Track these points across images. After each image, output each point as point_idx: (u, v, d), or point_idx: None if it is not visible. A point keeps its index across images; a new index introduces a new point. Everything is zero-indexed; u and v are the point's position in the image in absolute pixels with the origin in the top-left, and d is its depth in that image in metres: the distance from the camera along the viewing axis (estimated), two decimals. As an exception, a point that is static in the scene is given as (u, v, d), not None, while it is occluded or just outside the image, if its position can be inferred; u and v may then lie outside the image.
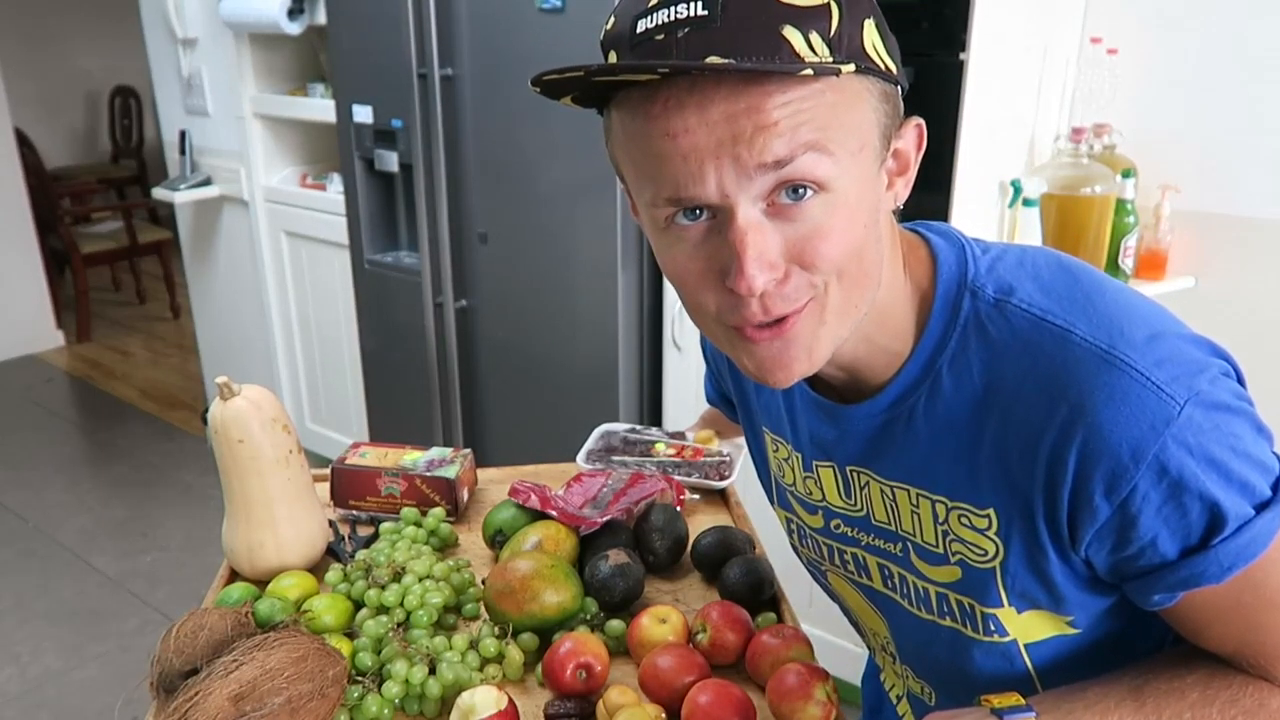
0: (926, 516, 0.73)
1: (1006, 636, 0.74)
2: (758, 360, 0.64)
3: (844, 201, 0.59)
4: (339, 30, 2.40)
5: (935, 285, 0.69)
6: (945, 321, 0.68)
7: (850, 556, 0.83)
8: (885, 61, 0.59)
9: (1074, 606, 0.71)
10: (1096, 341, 0.63)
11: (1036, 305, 0.66)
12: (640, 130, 0.58)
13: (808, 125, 0.56)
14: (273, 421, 1.04)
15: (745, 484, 1.33)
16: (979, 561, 0.71)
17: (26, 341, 4.43)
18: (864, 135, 0.59)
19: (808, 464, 0.82)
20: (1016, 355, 0.65)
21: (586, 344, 2.17)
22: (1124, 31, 1.88)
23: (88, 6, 5.89)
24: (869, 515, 0.79)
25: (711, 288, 0.62)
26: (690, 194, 0.58)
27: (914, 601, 0.79)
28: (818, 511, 0.84)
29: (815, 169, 0.57)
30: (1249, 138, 1.83)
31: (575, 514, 1.11)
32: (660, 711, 0.84)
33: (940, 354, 0.68)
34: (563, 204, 2.10)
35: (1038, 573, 0.69)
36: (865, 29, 0.58)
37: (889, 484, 0.75)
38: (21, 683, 2.30)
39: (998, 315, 0.66)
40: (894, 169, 0.65)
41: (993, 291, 0.67)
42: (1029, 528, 0.67)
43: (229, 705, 0.77)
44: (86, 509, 3.10)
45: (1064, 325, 0.64)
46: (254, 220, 3.00)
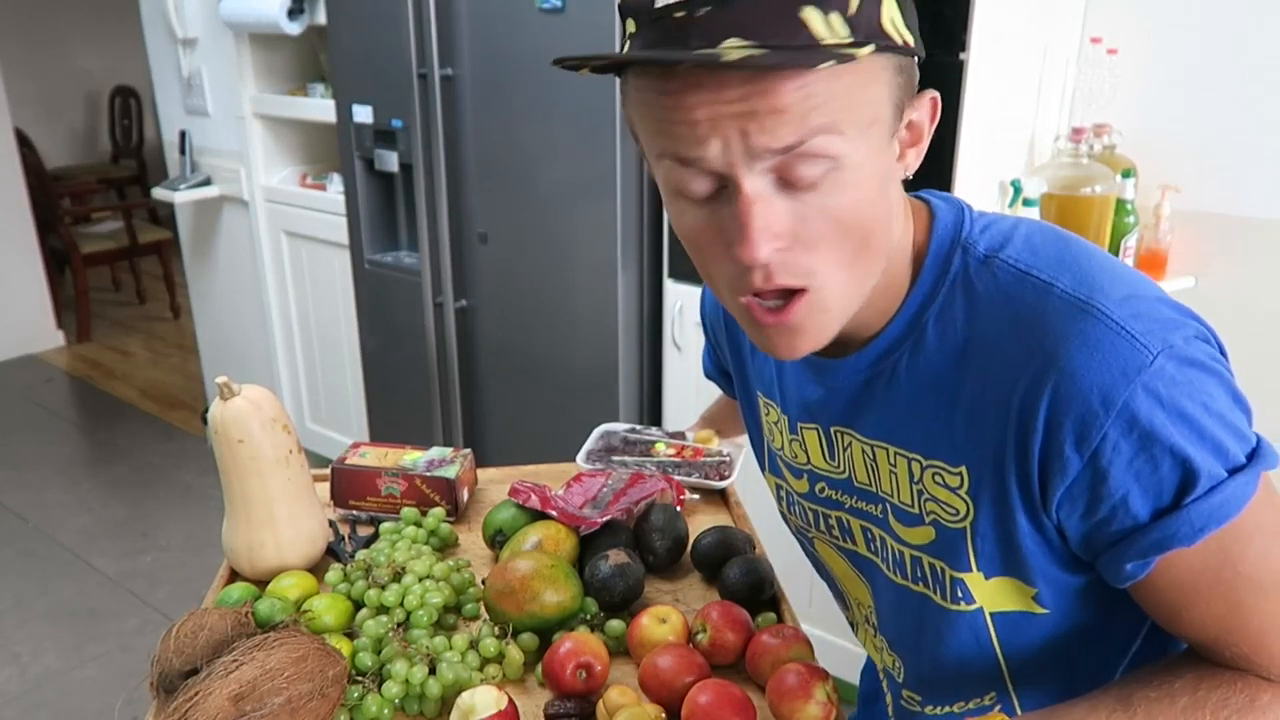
0: (903, 475, 0.74)
1: (973, 604, 0.74)
2: (765, 337, 0.66)
3: (854, 178, 0.59)
4: (339, 30, 2.40)
5: (929, 242, 0.70)
6: (935, 277, 0.69)
7: (835, 521, 0.84)
8: (903, 35, 0.59)
9: (1040, 578, 0.71)
10: (1075, 293, 0.64)
11: (1022, 261, 0.67)
12: (655, 101, 0.59)
13: (821, 109, 0.56)
14: (273, 421, 1.04)
15: (745, 484, 1.33)
16: (951, 521, 0.72)
17: (26, 341, 4.43)
18: (877, 110, 0.60)
19: (793, 426, 0.83)
20: (998, 308, 0.66)
21: (586, 344, 2.17)
22: (1124, 31, 1.88)
23: (88, 6, 5.89)
24: (851, 477, 0.80)
25: (720, 257, 0.63)
26: (697, 159, 0.59)
27: (892, 566, 0.80)
28: (803, 475, 0.85)
29: (825, 147, 0.58)
30: (1249, 138, 1.83)
31: (575, 514, 1.11)
32: (660, 711, 0.84)
33: (927, 309, 0.69)
34: (563, 204, 2.10)
35: (1005, 535, 0.69)
36: (884, 5, 0.58)
37: (869, 442, 0.76)
38: (21, 683, 2.30)
39: (985, 271, 0.68)
40: (907, 140, 0.65)
41: (983, 249, 0.68)
42: (1000, 486, 0.67)
43: (229, 705, 0.77)
44: (86, 509, 3.10)
45: (1047, 279, 0.65)
46: (254, 220, 3.00)
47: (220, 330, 3.44)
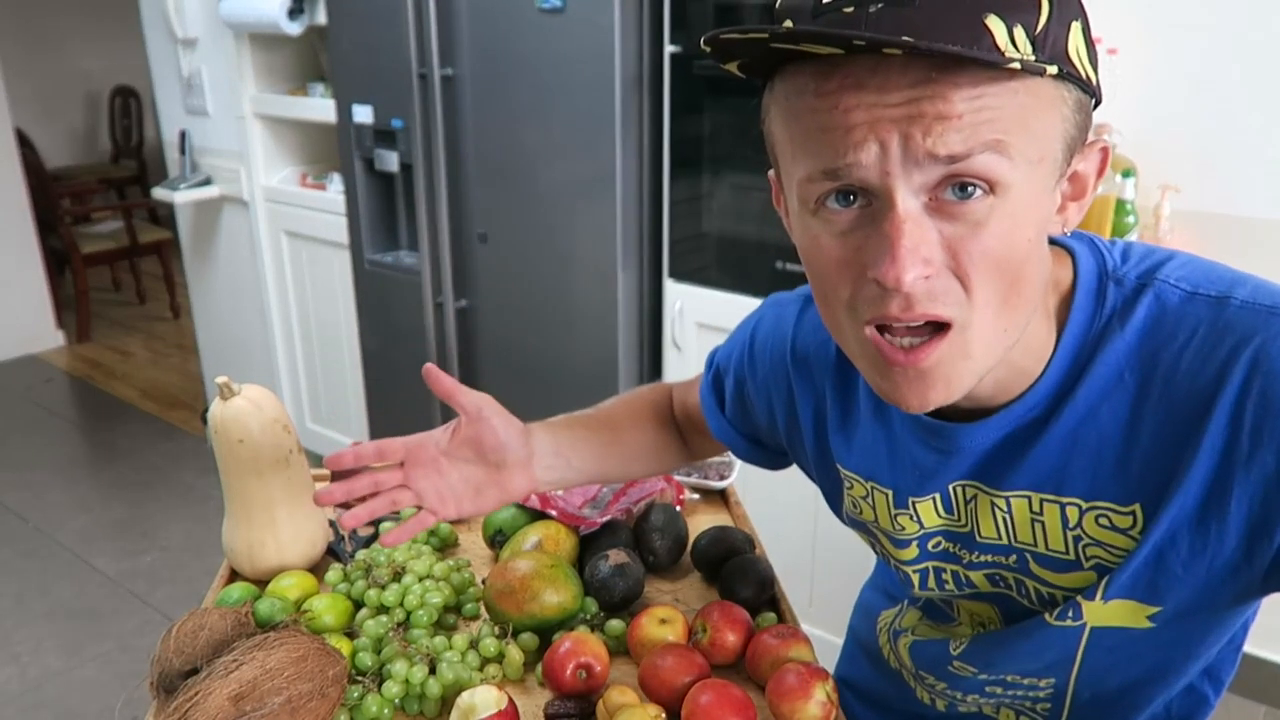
0: (1053, 523, 0.69)
1: (1079, 620, 0.71)
2: (892, 382, 0.60)
3: (1013, 210, 0.55)
4: (339, 30, 2.40)
5: (1075, 285, 0.65)
6: (1089, 316, 0.65)
7: (950, 575, 0.79)
8: (1086, 69, 0.56)
9: (1170, 599, 0.67)
10: (1259, 300, 0.61)
11: (1186, 280, 0.64)
12: (808, 105, 0.55)
13: (992, 124, 0.53)
14: (273, 421, 1.04)
15: (745, 484, 1.33)
16: (1114, 560, 0.68)
17: (26, 341, 4.43)
18: (1048, 145, 0.56)
19: (901, 500, 0.77)
20: (1171, 331, 0.62)
21: (586, 344, 2.17)
22: (1124, 31, 1.88)
23: (88, 7, 5.89)
24: (974, 531, 0.74)
25: (851, 279, 0.58)
26: (848, 164, 0.54)
27: (1033, 600, 0.75)
28: (909, 544, 0.79)
29: (990, 169, 0.53)
30: (1249, 138, 1.83)
31: (575, 514, 1.11)
32: (660, 711, 0.84)
33: (1083, 351, 0.65)
34: (563, 204, 2.10)
35: (1161, 564, 0.65)
36: (1071, 31, 0.54)
37: (1003, 494, 0.70)
38: (21, 683, 2.30)
39: (1148, 297, 0.64)
40: (1069, 192, 0.61)
41: (1136, 276, 0.65)
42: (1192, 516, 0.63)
43: (229, 705, 0.77)
44: (86, 509, 3.09)
45: (1219, 293, 0.62)
46: (254, 220, 3.00)
47: (220, 330, 3.44)
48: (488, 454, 0.88)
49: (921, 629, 0.89)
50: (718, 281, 2.01)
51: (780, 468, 0.99)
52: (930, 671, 0.87)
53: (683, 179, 2.00)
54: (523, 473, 0.90)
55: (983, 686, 0.83)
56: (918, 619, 0.90)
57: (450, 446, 0.88)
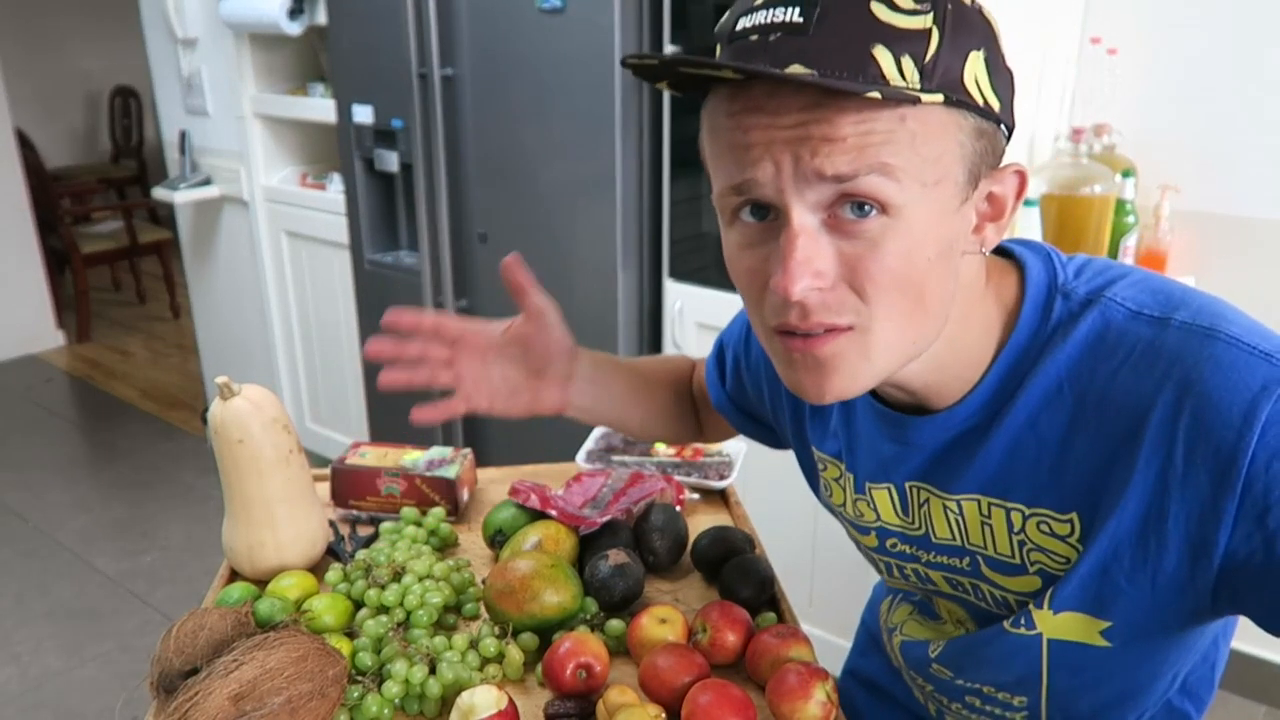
0: (1000, 527, 0.71)
1: (1033, 630, 0.73)
2: (796, 373, 0.63)
3: (909, 230, 0.57)
4: (339, 30, 2.40)
5: (1023, 295, 0.67)
6: (1034, 327, 0.67)
7: (911, 571, 0.82)
8: (986, 97, 0.57)
9: (1122, 617, 0.68)
10: (1197, 322, 0.62)
11: (1131, 300, 0.65)
12: (721, 124, 0.60)
13: (879, 148, 0.55)
14: (273, 421, 1.04)
15: (745, 484, 1.33)
16: (1058, 567, 0.69)
17: (26, 341, 4.43)
18: (944, 169, 0.58)
19: (860, 486, 0.80)
20: (1111, 348, 0.64)
21: (586, 344, 2.14)
22: (1124, 31, 1.88)
23: (88, 7, 5.89)
24: (929, 534, 0.77)
25: (759, 288, 0.62)
26: (749, 180, 0.58)
27: (989, 603, 0.77)
28: (870, 533, 0.82)
29: (879, 190, 0.56)
30: (1249, 138, 1.83)
31: (575, 514, 1.11)
32: (660, 711, 0.84)
33: (1024, 359, 0.67)
34: (563, 204, 2.10)
35: (1105, 577, 0.66)
36: (969, 60, 0.56)
37: (954, 497, 0.73)
38: (21, 683, 2.30)
39: (1093, 312, 0.65)
40: (987, 212, 0.63)
41: (1085, 292, 0.66)
42: (1129, 530, 0.64)
43: (229, 705, 0.77)
44: (86, 509, 3.10)
45: (1161, 314, 0.63)
46: (254, 220, 3.00)
47: (220, 330, 3.44)
48: (533, 358, 0.91)
49: (910, 626, 0.91)
50: (718, 281, 2.01)
51: (776, 446, 1.01)
52: (917, 672, 0.89)
53: (683, 179, 2.00)
54: (558, 389, 0.92)
55: (962, 695, 0.85)
56: (907, 614, 0.92)
57: (501, 340, 0.91)
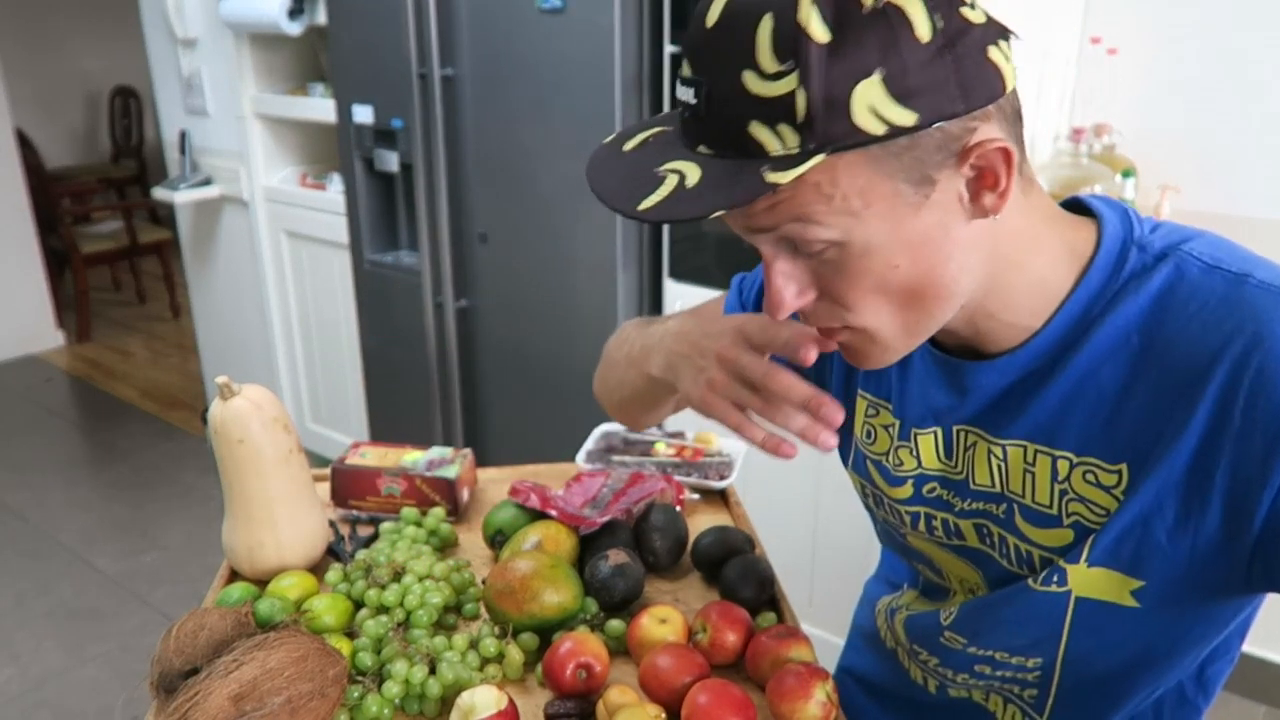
0: (1043, 475, 0.71)
1: (1064, 586, 0.72)
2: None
3: (863, 249, 0.60)
4: (339, 30, 2.40)
5: (1099, 245, 0.68)
6: (1106, 275, 0.67)
7: (940, 522, 0.81)
8: (889, 121, 0.55)
9: (1153, 573, 0.68)
10: (1276, 282, 0.62)
11: (1208, 255, 0.65)
12: None
13: (786, 205, 0.59)
14: (273, 421, 1.04)
15: (745, 484, 1.33)
16: (1093, 520, 0.69)
17: (26, 341, 4.43)
18: (872, 193, 0.58)
19: (905, 432, 0.80)
20: (1186, 299, 0.64)
21: (586, 344, 2.17)
22: (1124, 31, 1.88)
23: (88, 6, 5.89)
24: (969, 478, 0.77)
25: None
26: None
27: (1012, 560, 0.77)
28: (905, 482, 0.82)
29: (805, 234, 0.60)
30: (1249, 138, 1.83)
31: (575, 514, 1.11)
32: (660, 711, 0.84)
33: (1095, 307, 0.67)
34: (563, 204, 2.10)
35: (1145, 532, 0.67)
36: (857, 94, 0.54)
37: (1001, 442, 0.73)
38: (21, 683, 2.30)
39: (1166, 265, 0.65)
40: (979, 185, 0.61)
41: (1160, 245, 0.67)
42: (1178, 482, 0.64)
43: (229, 705, 0.77)
44: (86, 509, 3.10)
45: (1240, 271, 0.64)
46: (254, 220, 3.00)
47: (220, 330, 3.44)
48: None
49: (917, 605, 0.90)
50: (718, 281, 2.01)
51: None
52: (923, 645, 0.88)
53: (683, 179, 2.00)
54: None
55: (971, 664, 0.84)
56: (914, 597, 0.92)
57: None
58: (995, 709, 0.86)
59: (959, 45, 0.56)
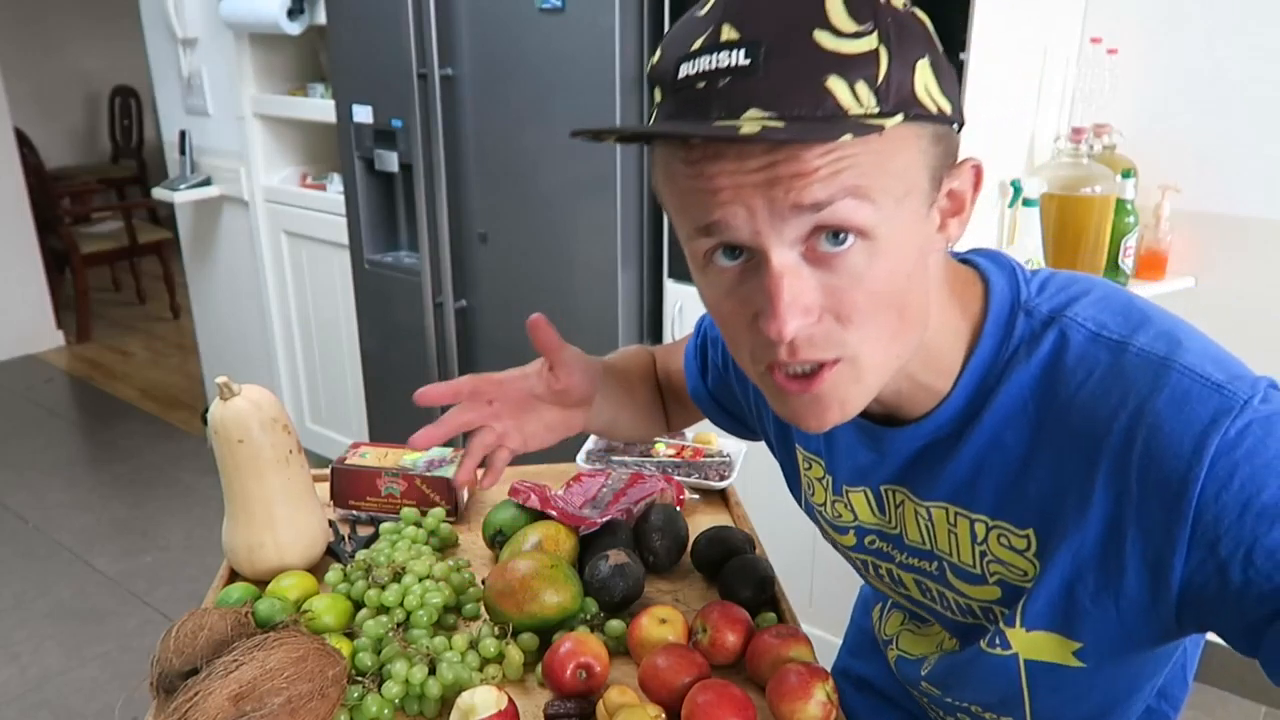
0: (964, 536, 0.72)
1: (1009, 650, 0.73)
2: (790, 408, 0.63)
3: (887, 249, 0.57)
4: (339, 30, 2.40)
5: (987, 310, 0.67)
6: (997, 343, 0.67)
7: (885, 571, 0.83)
8: (938, 103, 0.57)
9: (1092, 637, 0.69)
10: (1154, 350, 0.62)
11: (1092, 320, 0.65)
12: (679, 170, 0.58)
13: (850, 172, 0.54)
14: (273, 421, 1.04)
15: (745, 484, 1.33)
16: (1017, 580, 0.70)
17: (26, 341, 4.43)
18: (911, 180, 0.58)
19: (838, 488, 0.82)
20: (1072, 370, 0.64)
21: (586, 344, 2.14)
22: (1124, 31, 1.88)
23: (87, 6, 5.89)
24: (902, 534, 0.78)
25: (745, 328, 0.61)
26: (717, 223, 0.57)
27: (956, 612, 0.78)
28: (848, 532, 0.84)
29: (855, 215, 0.55)
30: (1249, 138, 1.83)
31: (575, 514, 1.11)
32: (660, 711, 0.84)
33: (989, 376, 0.67)
34: (563, 204, 2.10)
35: (1069, 596, 0.67)
36: (917, 71, 0.56)
37: (925, 504, 0.74)
38: (21, 683, 2.30)
39: (1053, 332, 0.65)
40: (948, 209, 0.63)
41: (1047, 310, 0.66)
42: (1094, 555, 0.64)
43: (229, 705, 0.77)
44: (86, 509, 3.10)
45: (1121, 338, 0.64)
46: (254, 220, 3.00)
47: (220, 330, 3.44)
48: (566, 399, 0.95)
49: (905, 639, 0.91)
50: (718, 281, 2.01)
51: (746, 437, 1.03)
52: (912, 686, 0.90)
53: (683, 179, 2.00)
54: (582, 414, 0.97)
55: (954, 711, 0.86)
56: (900, 625, 0.93)
57: (544, 393, 0.95)
58: None
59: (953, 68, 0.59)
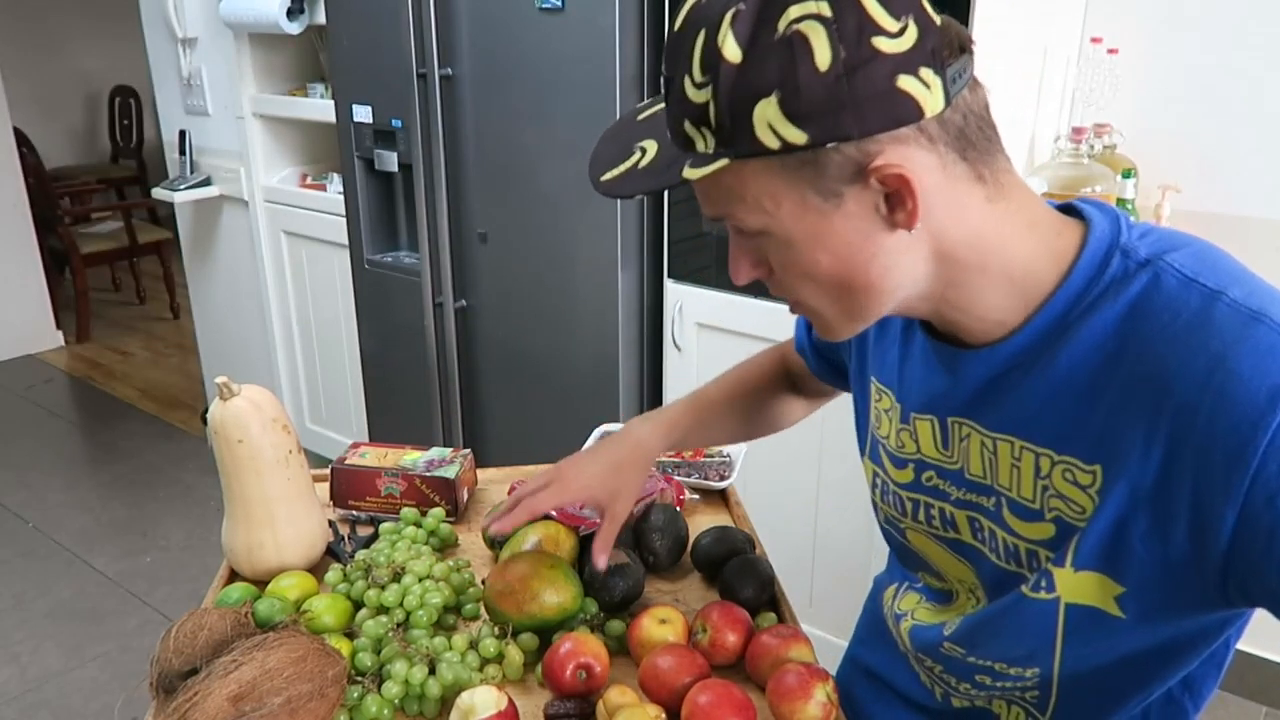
0: (1027, 470, 0.73)
1: (1053, 593, 0.73)
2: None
3: (788, 243, 0.67)
4: (339, 30, 2.40)
5: (1083, 247, 0.69)
6: (1089, 277, 0.68)
7: (937, 511, 0.83)
8: (785, 136, 0.61)
9: (1132, 578, 0.69)
10: (1246, 303, 0.63)
11: (1188, 268, 0.66)
12: None
13: (716, 196, 0.68)
14: (273, 421, 1.04)
15: (745, 484, 1.33)
16: (1073, 518, 0.71)
17: (26, 341, 4.43)
18: (779, 198, 0.65)
19: (905, 416, 0.83)
20: (1159, 310, 0.65)
21: (586, 344, 2.17)
22: (1124, 31, 1.88)
23: (87, 6, 5.89)
24: (964, 468, 0.79)
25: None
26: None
27: (1001, 556, 0.78)
28: (908, 465, 0.84)
29: (745, 221, 0.67)
30: (1249, 138, 1.83)
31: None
32: (660, 711, 0.84)
33: (1076, 307, 0.68)
34: (563, 204, 2.10)
35: (1121, 535, 0.68)
36: (757, 111, 0.61)
37: (991, 435, 0.75)
38: (21, 683, 2.30)
39: (1146, 274, 0.66)
40: (889, 203, 0.65)
41: (1144, 253, 0.68)
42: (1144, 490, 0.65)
43: (228, 705, 0.77)
44: (86, 509, 3.10)
45: (1215, 287, 0.64)
46: (254, 220, 3.00)
47: (220, 330, 3.44)
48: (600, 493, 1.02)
49: (921, 612, 0.91)
50: (717, 282, 2.01)
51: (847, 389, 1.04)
52: (927, 654, 0.90)
53: (683, 179, 2.00)
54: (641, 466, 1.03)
55: (972, 674, 0.85)
56: (917, 602, 0.93)
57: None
58: (1000, 711, 0.87)
59: (859, 74, 0.60)
